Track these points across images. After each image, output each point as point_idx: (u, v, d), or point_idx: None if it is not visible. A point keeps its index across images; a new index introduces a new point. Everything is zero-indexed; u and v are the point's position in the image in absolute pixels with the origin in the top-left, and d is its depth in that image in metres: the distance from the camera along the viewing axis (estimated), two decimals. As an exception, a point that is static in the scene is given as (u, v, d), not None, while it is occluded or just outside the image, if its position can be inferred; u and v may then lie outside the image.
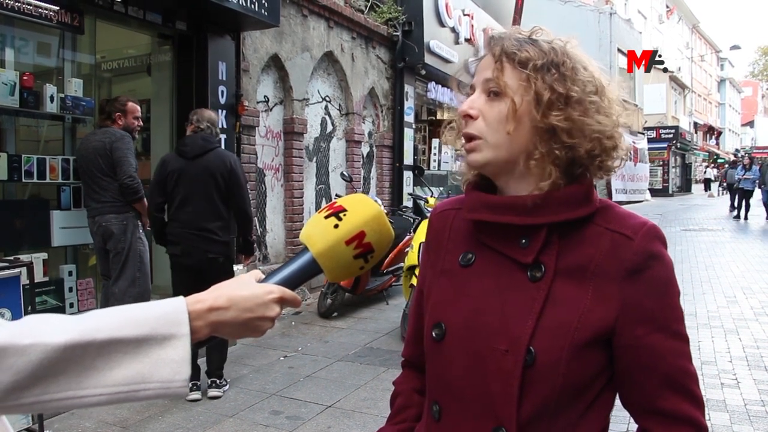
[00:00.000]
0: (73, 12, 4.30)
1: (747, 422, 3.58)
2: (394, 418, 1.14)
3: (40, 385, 0.69)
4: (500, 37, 0.95)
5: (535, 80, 0.91)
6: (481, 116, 0.94)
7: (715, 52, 47.14)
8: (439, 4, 9.27)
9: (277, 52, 6.47)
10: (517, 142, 0.93)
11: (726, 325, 5.77)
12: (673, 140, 31.55)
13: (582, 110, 0.91)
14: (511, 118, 0.91)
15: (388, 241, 0.97)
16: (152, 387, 0.73)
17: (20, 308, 2.93)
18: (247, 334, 0.85)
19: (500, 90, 0.92)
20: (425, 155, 11.12)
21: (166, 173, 3.95)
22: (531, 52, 0.92)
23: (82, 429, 3.42)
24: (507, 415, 0.89)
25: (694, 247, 11.10)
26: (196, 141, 3.98)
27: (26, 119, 4.51)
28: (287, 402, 3.88)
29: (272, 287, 0.86)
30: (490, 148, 0.94)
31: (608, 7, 24.93)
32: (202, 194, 3.91)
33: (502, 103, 0.92)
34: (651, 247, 0.91)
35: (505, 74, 0.92)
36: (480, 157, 0.95)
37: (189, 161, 3.93)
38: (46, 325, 0.71)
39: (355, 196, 1.01)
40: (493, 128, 0.93)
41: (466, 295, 0.97)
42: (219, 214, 3.98)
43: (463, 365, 0.94)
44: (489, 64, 0.95)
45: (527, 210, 0.92)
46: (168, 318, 0.76)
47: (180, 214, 3.94)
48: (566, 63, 0.92)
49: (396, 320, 5.65)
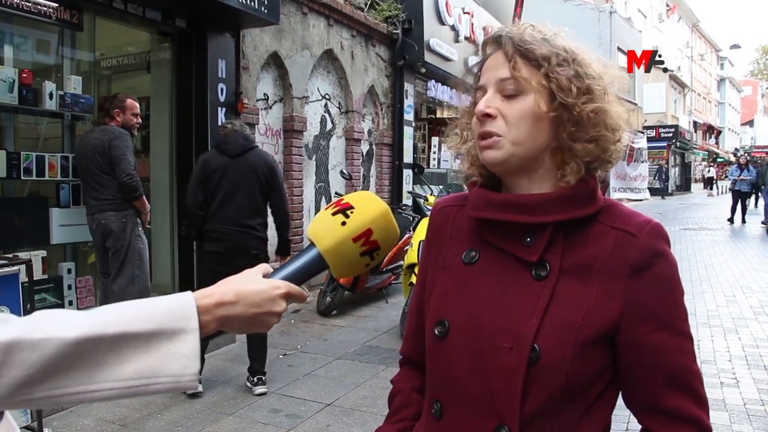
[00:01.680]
0: (72, 9, 4.29)
1: (746, 421, 3.58)
2: (392, 417, 1.14)
3: (51, 379, 0.69)
4: (509, 36, 0.95)
5: (555, 76, 0.91)
6: (500, 115, 0.93)
7: (715, 51, 47.13)
8: (439, 2, 9.26)
9: (276, 50, 6.46)
10: (538, 139, 0.93)
11: (725, 324, 5.78)
12: (673, 139, 31.56)
13: (602, 101, 0.92)
14: (535, 115, 0.92)
15: (394, 238, 0.97)
16: (162, 381, 0.74)
17: (19, 306, 2.93)
18: (253, 328, 0.86)
19: (520, 88, 0.92)
20: (425, 153, 11.12)
21: (209, 171, 3.99)
22: (545, 49, 0.92)
23: (81, 427, 3.42)
24: (509, 413, 0.89)
25: (693, 246, 11.11)
26: (238, 139, 4.05)
27: (25, 116, 4.51)
28: (286, 400, 3.88)
29: (279, 282, 0.86)
30: (511, 144, 0.93)
31: (608, 5, 24.94)
32: (245, 191, 3.99)
33: (524, 101, 0.92)
34: (655, 245, 0.91)
35: (522, 72, 0.92)
36: (499, 155, 0.94)
37: (232, 159, 4.00)
38: (58, 319, 0.72)
39: (362, 193, 1.01)
40: (514, 126, 0.93)
41: (470, 293, 0.97)
42: (260, 210, 4.09)
43: (465, 363, 0.94)
44: (500, 63, 0.94)
45: (532, 208, 0.92)
46: (177, 312, 0.77)
47: (223, 211, 3.98)
48: (577, 58, 0.93)
49: (395, 318, 5.65)
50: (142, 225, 4.27)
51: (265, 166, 4.06)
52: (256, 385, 3.99)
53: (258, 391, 3.96)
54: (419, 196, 6.68)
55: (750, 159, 18.01)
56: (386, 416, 1.16)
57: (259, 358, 4.05)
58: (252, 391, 3.98)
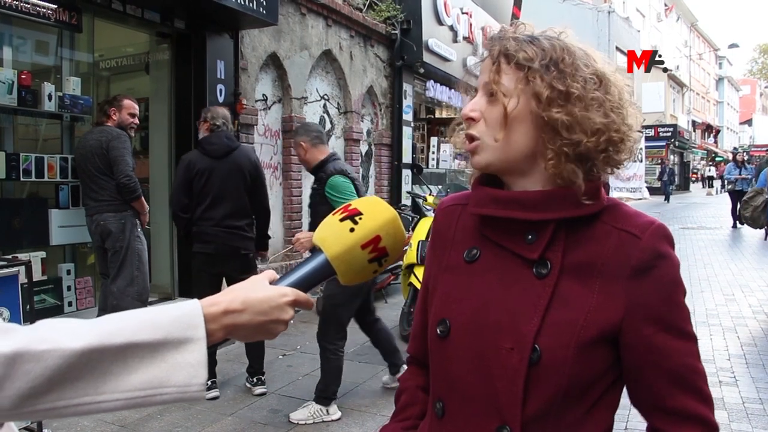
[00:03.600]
0: (71, 10, 4.29)
1: (745, 420, 3.59)
2: (398, 415, 1.14)
3: (56, 390, 0.68)
4: (500, 38, 0.95)
5: (533, 79, 0.90)
6: (482, 118, 0.94)
7: (713, 50, 47.16)
8: (437, 3, 9.26)
9: (275, 51, 6.46)
10: (516, 142, 0.93)
11: (724, 323, 5.78)
12: (672, 138, 31.59)
13: (583, 106, 0.90)
14: (504, 120, 0.92)
15: (402, 245, 0.96)
16: (169, 391, 0.73)
17: (18, 307, 2.92)
18: (260, 336, 0.85)
19: (499, 91, 0.92)
20: (424, 154, 11.12)
21: (194, 173, 3.93)
22: (529, 52, 0.91)
23: (81, 428, 3.42)
24: (511, 414, 0.88)
25: (692, 245, 11.13)
26: (221, 140, 4.00)
27: (24, 118, 4.51)
28: (286, 400, 3.88)
29: (286, 290, 0.85)
30: (490, 149, 0.94)
31: (606, 5, 24.96)
32: (233, 193, 3.96)
33: (499, 104, 0.92)
34: (658, 246, 0.91)
35: (502, 76, 0.92)
36: (481, 159, 0.95)
37: (217, 160, 3.94)
38: (62, 330, 0.70)
39: (370, 198, 0.99)
40: (492, 129, 0.93)
41: (471, 292, 0.96)
42: (247, 211, 4.07)
43: (467, 363, 0.94)
44: (488, 66, 0.95)
45: (534, 205, 0.92)
46: (183, 321, 0.75)
47: (212, 213, 3.94)
48: (566, 60, 0.91)
49: (395, 318, 5.64)
50: (141, 226, 4.27)
51: (251, 165, 4.04)
52: (255, 386, 4.00)
53: (257, 391, 3.97)
54: (418, 196, 6.68)
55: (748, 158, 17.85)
56: (392, 414, 1.16)
57: (257, 359, 4.05)
58: (252, 391, 3.98)
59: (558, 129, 0.90)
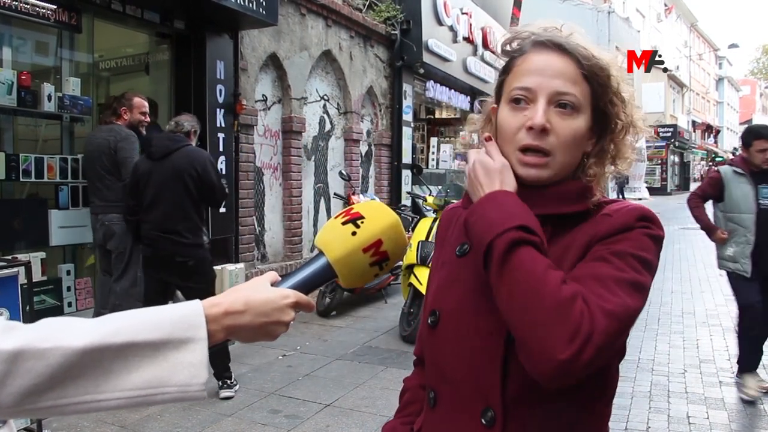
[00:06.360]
0: (70, 11, 4.29)
1: (745, 420, 3.58)
2: (400, 413, 1.17)
3: (58, 388, 0.69)
4: (575, 44, 0.93)
5: (606, 101, 0.93)
6: (553, 131, 0.92)
7: (713, 50, 47.17)
8: (437, 3, 9.27)
9: (275, 51, 6.46)
10: (576, 158, 0.95)
11: (724, 323, 5.78)
12: (672, 139, 31.60)
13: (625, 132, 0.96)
14: (580, 138, 0.93)
15: (403, 249, 0.98)
16: (170, 391, 0.74)
17: (18, 307, 2.92)
18: (260, 338, 0.85)
19: (578, 106, 0.92)
20: (423, 154, 11.13)
21: (138, 176, 3.88)
22: (596, 69, 0.92)
23: (80, 428, 3.42)
24: (493, 395, 0.90)
25: (692, 246, 11.11)
26: (162, 141, 3.90)
27: (24, 118, 4.51)
28: (286, 401, 3.88)
29: (288, 291, 0.86)
30: (558, 166, 0.93)
31: (606, 5, 24.97)
32: (169, 196, 3.81)
33: (577, 120, 0.92)
34: (629, 221, 0.89)
35: (581, 88, 0.92)
36: (545, 174, 0.93)
37: (156, 162, 3.83)
38: (65, 328, 0.71)
39: (372, 203, 1.00)
40: (565, 145, 0.92)
41: (459, 283, 0.99)
42: (187, 215, 3.84)
43: (453, 349, 0.96)
44: (557, 72, 0.92)
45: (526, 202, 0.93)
46: (185, 321, 0.76)
47: (148, 216, 3.86)
48: (613, 78, 0.94)
49: (394, 319, 5.65)
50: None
51: (193, 167, 3.81)
52: (221, 389, 3.91)
53: (223, 394, 3.88)
54: (418, 196, 6.67)
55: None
56: (395, 412, 1.19)
57: (218, 362, 3.89)
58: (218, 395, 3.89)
59: (609, 152, 0.95)
